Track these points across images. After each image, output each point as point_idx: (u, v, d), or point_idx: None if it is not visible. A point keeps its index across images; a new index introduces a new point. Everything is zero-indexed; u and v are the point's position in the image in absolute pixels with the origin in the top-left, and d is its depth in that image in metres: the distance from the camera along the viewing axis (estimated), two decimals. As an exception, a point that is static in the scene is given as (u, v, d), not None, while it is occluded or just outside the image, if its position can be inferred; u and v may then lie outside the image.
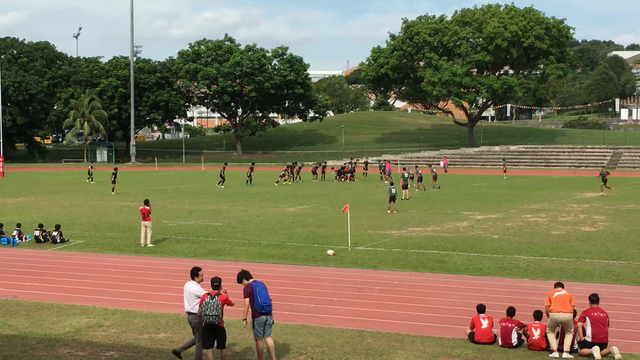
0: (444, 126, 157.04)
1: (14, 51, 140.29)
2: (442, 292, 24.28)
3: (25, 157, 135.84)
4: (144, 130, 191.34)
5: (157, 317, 21.06)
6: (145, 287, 25.27)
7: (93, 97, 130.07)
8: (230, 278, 24.07)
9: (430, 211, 48.27)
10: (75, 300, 23.20)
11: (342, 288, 24.82)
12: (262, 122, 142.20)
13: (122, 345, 18.44)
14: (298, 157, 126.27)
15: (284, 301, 22.18)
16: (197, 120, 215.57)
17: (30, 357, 17.45)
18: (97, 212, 47.96)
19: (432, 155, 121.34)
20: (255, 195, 60.56)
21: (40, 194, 62.43)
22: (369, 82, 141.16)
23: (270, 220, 43.45)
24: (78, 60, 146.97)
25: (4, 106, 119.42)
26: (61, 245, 34.37)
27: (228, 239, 35.74)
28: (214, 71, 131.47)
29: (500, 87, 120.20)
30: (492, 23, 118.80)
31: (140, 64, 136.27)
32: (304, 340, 18.69)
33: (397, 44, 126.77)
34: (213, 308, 15.85)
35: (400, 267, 28.75)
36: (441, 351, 17.90)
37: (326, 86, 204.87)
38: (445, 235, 36.80)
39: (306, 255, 31.32)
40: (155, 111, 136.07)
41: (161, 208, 48.56)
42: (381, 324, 20.31)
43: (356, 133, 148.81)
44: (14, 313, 21.62)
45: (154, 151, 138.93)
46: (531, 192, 63.27)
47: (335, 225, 40.24)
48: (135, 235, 36.10)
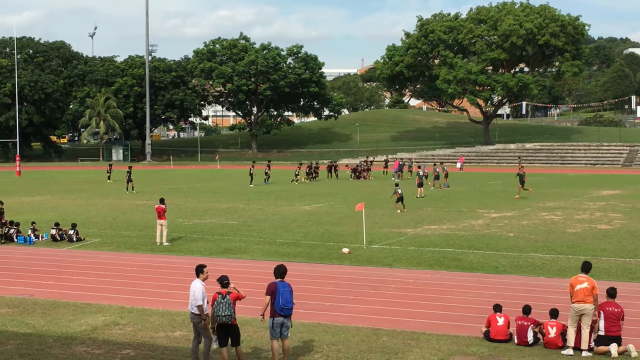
0: (459, 124, 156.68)
1: (30, 50, 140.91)
2: (457, 290, 24.24)
3: (42, 156, 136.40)
4: (160, 129, 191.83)
5: (173, 315, 21.11)
6: (161, 285, 25.32)
7: (109, 96, 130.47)
8: (245, 276, 24.15)
9: (445, 209, 48.19)
10: (91, 298, 23.28)
11: (357, 286, 24.81)
12: (277, 120, 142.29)
13: (138, 343, 18.50)
14: (313, 155, 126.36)
15: (300, 299, 22.16)
16: (213, 119, 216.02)
17: (47, 355, 17.53)
18: (113, 211, 48.10)
19: (447, 153, 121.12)
20: (270, 193, 60.60)
21: (57, 192, 62.67)
22: (384, 80, 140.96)
23: (285, 218, 43.47)
24: (93, 60, 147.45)
25: (21, 105, 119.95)
26: (77, 244, 34.50)
27: (243, 238, 35.78)
28: (229, 70, 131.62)
29: (516, 84, 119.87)
30: (508, 20, 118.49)
31: (155, 63, 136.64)
32: (320, 339, 18.70)
33: (412, 42, 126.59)
34: (225, 308, 15.84)
35: (415, 265, 28.72)
36: (457, 349, 17.88)
37: (341, 84, 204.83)
38: (461, 233, 36.73)
39: (321, 254, 31.33)
40: (171, 110, 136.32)
41: (177, 207, 48.65)
42: (397, 322, 20.30)
43: (371, 131, 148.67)
44: (30, 311, 21.71)
45: (170, 150, 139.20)
46: (546, 190, 63.08)
47: (350, 224, 40.22)
48: (151, 233, 36.19)
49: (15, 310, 21.90)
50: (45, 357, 17.40)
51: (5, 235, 35.85)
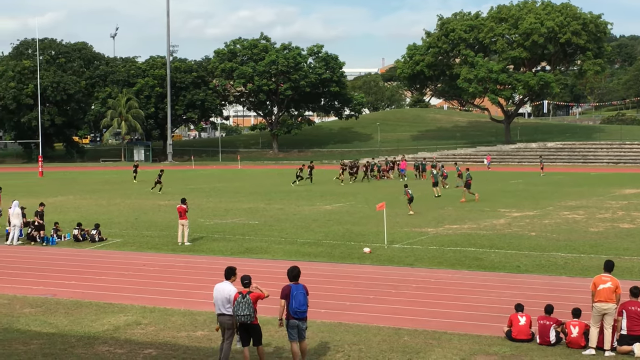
0: (480, 123, 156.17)
1: (52, 52, 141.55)
2: (479, 289, 24.18)
3: (64, 157, 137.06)
4: (181, 129, 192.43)
5: (195, 315, 21.17)
6: (182, 285, 25.40)
7: (130, 96, 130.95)
8: (266, 276, 24.18)
9: (466, 208, 48.07)
10: (113, 298, 23.39)
11: (378, 286, 24.80)
12: (298, 120, 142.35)
13: (160, 343, 18.57)
14: (334, 155, 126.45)
15: (321, 299, 22.20)
16: (233, 119, 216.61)
17: (70, 354, 17.62)
18: (135, 211, 48.30)
19: (469, 153, 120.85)
20: (291, 193, 60.64)
21: (79, 193, 62.98)
22: (404, 80, 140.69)
23: (306, 218, 43.50)
24: (115, 60, 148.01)
25: (43, 106, 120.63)
26: (99, 244, 34.68)
27: (265, 237, 35.84)
28: (250, 70, 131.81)
29: (537, 83, 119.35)
30: (529, 19, 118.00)
31: (176, 64, 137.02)
32: (341, 338, 18.71)
33: (433, 41, 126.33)
34: (245, 307, 15.84)
35: (436, 264, 28.68)
36: (478, 349, 17.84)
37: (362, 84, 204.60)
38: (482, 233, 36.64)
39: (342, 253, 31.34)
40: (192, 110, 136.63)
41: (198, 207, 48.77)
42: (418, 321, 20.28)
43: (392, 131, 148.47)
44: (53, 311, 21.84)
45: (191, 150, 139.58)
46: (568, 189, 62.79)
47: (371, 223, 40.19)
48: (172, 233, 36.30)
49: (38, 310, 22.03)
50: (68, 356, 17.49)
51: (29, 235, 36.12)
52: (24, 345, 18.38)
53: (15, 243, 34.96)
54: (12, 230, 35.23)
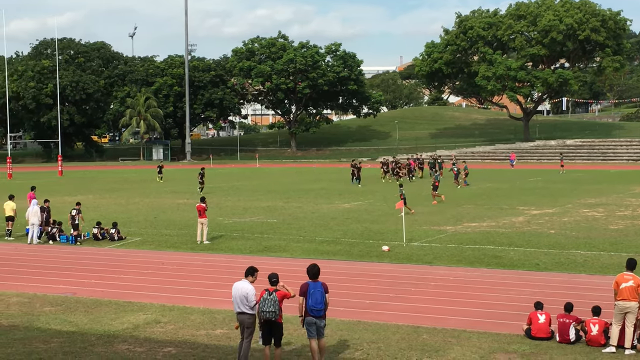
0: (499, 121, 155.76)
1: (71, 51, 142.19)
2: (498, 287, 24.12)
3: (83, 156, 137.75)
4: (199, 128, 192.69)
5: (214, 313, 21.21)
6: (201, 283, 25.46)
7: (149, 95, 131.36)
8: (285, 274, 24.15)
9: (485, 206, 47.96)
10: (133, 297, 23.46)
11: (397, 284, 24.78)
12: (316, 118, 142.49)
13: (179, 341, 18.61)
14: (352, 153, 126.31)
15: (340, 297, 22.19)
16: (252, 118, 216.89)
17: (90, 353, 17.68)
18: (154, 210, 48.44)
19: (487, 150, 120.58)
20: (309, 191, 60.66)
21: (98, 192, 63.22)
22: (422, 77, 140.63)
23: (324, 216, 43.50)
24: (133, 60, 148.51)
25: (62, 106, 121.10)
26: (119, 243, 34.79)
27: (283, 236, 35.86)
28: (268, 68, 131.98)
29: (556, 80, 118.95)
30: (547, 16, 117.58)
31: (194, 63, 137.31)
32: (360, 337, 18.70)
33: (451, 38, 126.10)
34: (270, 304, 15.86)
35: (455, 262, 28.62)
36: (498, 347, 17.79)
37: (380, 82, 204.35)
38: (501, 231, 36.53)
39: (361, 252, 31.32)
40: (210, 109, 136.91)
41: (217, 205, 48.85)
42: (437, 319, 20.25)
43: (410, 129, 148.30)
44: (73, 310, 21.93)
45: (209, 149, 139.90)
46: (588, 187, 62.53)
47: (390, 221, 40.15)
48: (191, 232, 36.38)
49: (58, 308, 22.13)
50: (88, 355, 17.56)
51: (48, 234, 36.30)
52: (44, 343, 18.47)
53: (35, 242, 35.13)
54: (32, 229, 35.40)
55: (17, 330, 19.72)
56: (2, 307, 22.31)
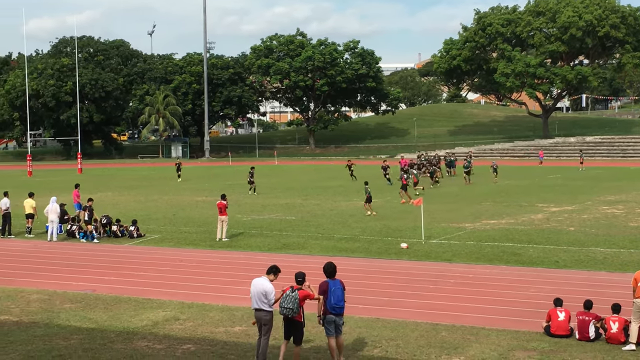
0: (518, 118, 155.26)
1: (91, 49, 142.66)
2: (517, 285, 24.05)
3: (102, 154, 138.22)
4: (218, 126, 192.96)
5: (233, 310, 21.26)
6: (220, 281, 25.52)
7: (167, 93, 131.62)
8: (305, 272, 24.17)
9: (504, 203, 47.82)
10: (152, 294, 23.55)
11: (416, 281, 24.76)
12: (335, 116, 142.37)
13: (198, 338, 18.67)
14: (370, 150, 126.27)
15: (358, 294, 22.20)
16: (270, 115, 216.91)
17: (109, 350, 17.76)
18: (173, 207, 48.57)
19: (506, 148, 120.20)
20: (328, 189, 60.66)
21: (117, 189, 63.43)
22: (441, 74, 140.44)
23: (343, 213, 43.50)
24: (152, 58, 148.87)
25: (82, 103, 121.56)
26: (138, 240, 34.93)
27: (301, 233, 35.89)
28: (286, 66, 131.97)
29: (575, 77, 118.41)
30: (566, 12, 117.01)
31: (213, 60, 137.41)
32: (378, 334, 18.70)
33: (470, 35, 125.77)
34: (290, 301, 15.86)
35: (474, 260, 28.57)
36: (517, 344, 17.75)
37: (398, 79, 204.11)
38: (520, 228, 36.43)
39: (380, 249, 31.31)
40: (229, 106, 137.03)
41: (235, 202, 48.91)
42: (456, 317, 20.22)
43: (429, 126, 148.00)
44: (93, 307, 22.03)
45: (228, 146, 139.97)
46: (608, 184, 62.24)
47: (408, 219, 40.12)
48: (210, 229, 36.47)
49: (78, 305, 22.24)
50: (108, 351, 17.64)
51: (68, 232, 36.49)
52: (64, 340, 18.57)
53: (54, 239, 35.30)
54: (51, 226, 35.58)
55: (37, 327, 19.83)
56: (23, 304, 22.44)
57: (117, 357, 17.16)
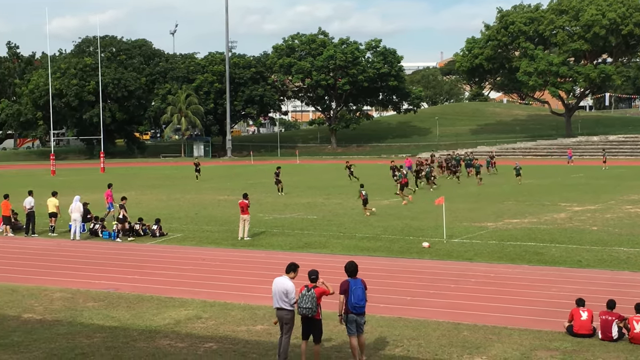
0: (540, 116, 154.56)
1: (113, 49, 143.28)
2: (539, 284, 23.96)
3: (125, 153, 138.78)
4: (240, 125, 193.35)
5: (254, 309, 21.30)
6: (242, 279, 25.56)
7: (189, 92, 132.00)
8: (325, 271, 24.17)
9: (526, 203, 47.64)
10: (174, 292, 23.63)
11: (437, 280, 24.72)
12: (356, 115, 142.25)
13: (220, 336, 18.72)
14: (392, 149, 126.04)
15: (380, 294, 22.20)
16: (292, 114, 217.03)
17: (132, 348, 17.84)
18: (195, 206, 48.70)
19: (529, 147, 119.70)
20: (349, 188, 60.58)
21: (140, 188, 63.65)
22: (463, 73, 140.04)
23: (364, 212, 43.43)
24: (175, 57, 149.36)
25: (104, 103, 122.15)
26: (160, 239, 35.06)
27: (323, 232, 35.91)
28: (308, 65, 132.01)
29: (598, 76, 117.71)
30: (590, 11, 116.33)
31: (235, 59, 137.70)
32: (400, 333, 18.69)
33: (492, 34, 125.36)
34: (308, 300, 15.89)
35: (496, 259, 28.49)
36: (539, 344, 17.68)
37: (420, 78, 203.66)
38: (543, 227, 36.29)
39: (401, 248, 31.28)
40: (251, 106, 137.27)
41: (257, 202, 48.91)
42: (477, 316, 20.17)
43: (451, 125, 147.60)
44: (115, 305, 22.13)
45: (250, 145, 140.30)
46: (631, 183, 61.86)
47: (430, 218, 40.06)
48: (232, 228, 36.55)
49: (101, 303, 22.35)
50: (130, 350, 17.72)
51: (91, 230, 36.68)
52: (87, 338, 18.67)
53: (77, 238, 35.49)
54: (74, 225, 35.77)
55: (60, 325, 19.95)
56: (46, 302, 22.58)
57: (140, 356, 17.24)
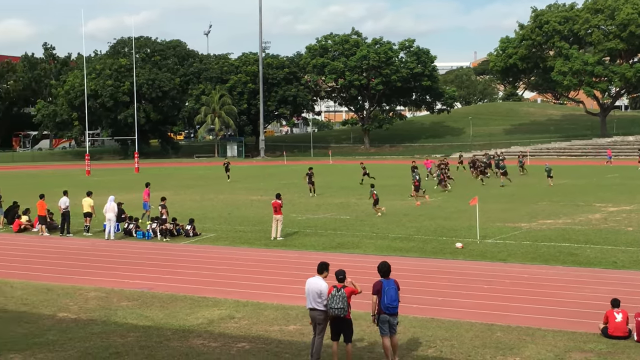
0: (575, 116, 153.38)
1: (148, 50, 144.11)
2: (573, 285, 23.81)
3: (159, 153, 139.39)
4: (273, 125, 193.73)
5: (287, 309, 21.33)
6: (275, 279, 25.61)
7: (223, 93, 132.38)
8: (358, 271, 24.19)
9: (561, 203, 47.33)
10: (207, 292, 23.72)
11: (471, 281, 24.63)
12: (389, 115, 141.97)
13: (253, 336, 18.77)
14: (425, 149, 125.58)
15: (413, 294, 22.15)
16: (325, 114, 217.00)
17: (165, 347, 17.94)
18: (228, 206, 48.86)
19: (563, 147, 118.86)
20: (382, 188, 60.33)
21: (173, 188, 63.90)
22: (497, 73, 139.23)
23: (397, 213, 43.39)
24: (208, 57, 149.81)
25: (139, 103, 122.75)
26: (194, 239, 35.22)
27: (356, 232, 35.89)
28: (341, 65, 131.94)
29: (634, 75, 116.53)
30: (625, 9, 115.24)
31: (268, 60, 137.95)
32: (433, 334, 18.64)
33: (526, 33, 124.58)
34: (339, 301, 15.88)
35: (530, 260, 28.33)
36: (573, 346, 17.56)
37: (453, 78, 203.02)
38: (577, 228, 36.04)
39: (434, 248, 31.20)
40: (284, 106, 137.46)
41: (290, 202, 48.99)
42: (511, 317, 20.07)
43: (484, 125, 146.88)
44: (149, 305, 22.27)
45: (283, 145, 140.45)
46: (668, 183, 61.25)
47: (463, 218, 39.92)
48: (265, 228, 36.63)
49: (135, 303, 22.50)
50: (164, 349, 17.81)
51: (125, 230, 36.93)
52: (121, 337, 18.80)
53: (112, 237, 35.74)
54: (108, 224, 36.02)
55: (95, 325, 20.11)
56: (81, 302, 22.77)
57: (173, 355, 17.33)
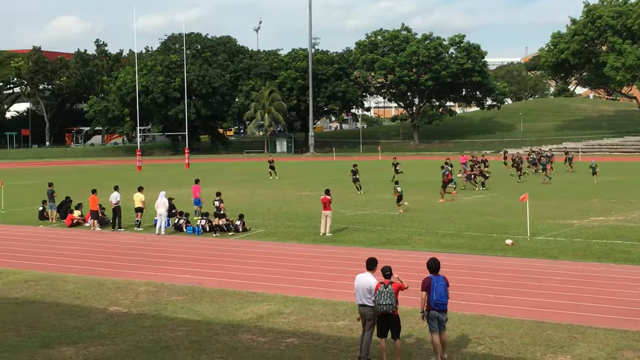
0: (628, 112, 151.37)
1: (198, 46, 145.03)
2: (626, 283, 23.52)
3: (209, 149, 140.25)
4: (322, 121, 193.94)
5: (336, 305, 21.35)
6: (324, 275, 25.65)
7: (273, 89, 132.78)
8: (407, 267, 24.14)
9: (612, 200, 46.78)
10: (256, 287, 23.81)
11: (521, 278, 24.44)
12: (439, 111, 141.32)
13: (302, 332, 18.81)
14: (475, 145, 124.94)
15: (462, 291, 22.05)
16: (374, 110, 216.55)
17: (215, 342, 18.04)
18: (277, 202, 49.00)
19: (615, 143, 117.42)
20: (431, 184, 60.18)
21: (223, 183, 64.18)
22: (548, 69, 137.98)
23: (447, 209, 43.21)
24: (258, 53, 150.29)
25: (189, 99, 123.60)
26: (243, 234, 35.36)
27: (405, 228, 35.80)
28: (391, 61, 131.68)
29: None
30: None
31: (318, 56, 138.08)
32: (482, 331, 18.54)
33: (578, 28, 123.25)
34: (387, 297, 15.86)
35: (581, 257, 28.04)
36: (625, 344, 17.36)
37: (504, 73, 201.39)
38: (630, 225, 35.59)
39: (484, 245, 31.02)
40: (333, 102, 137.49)
41: (339, 197, 48.99)
42: (561, 315, 19.89)
43: (535, 121, 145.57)
44: (199, 299, 22.41)
45: (332, 141, 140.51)
46: None
47: (513, 215, 39.63)
48: (314, 224, 36.68)
49: (185, 298, 22.66)
50: (213, 343, 17.93)
51: (175, 225, 37.23)
52: (171, 331, 18.96)
53: (162, 232, 36.05)
54: (159, 219, 36.34)
55: (145, 319, 20.30)
56: (132, 296, 23.00)
57: (222, 350, 17.44)
